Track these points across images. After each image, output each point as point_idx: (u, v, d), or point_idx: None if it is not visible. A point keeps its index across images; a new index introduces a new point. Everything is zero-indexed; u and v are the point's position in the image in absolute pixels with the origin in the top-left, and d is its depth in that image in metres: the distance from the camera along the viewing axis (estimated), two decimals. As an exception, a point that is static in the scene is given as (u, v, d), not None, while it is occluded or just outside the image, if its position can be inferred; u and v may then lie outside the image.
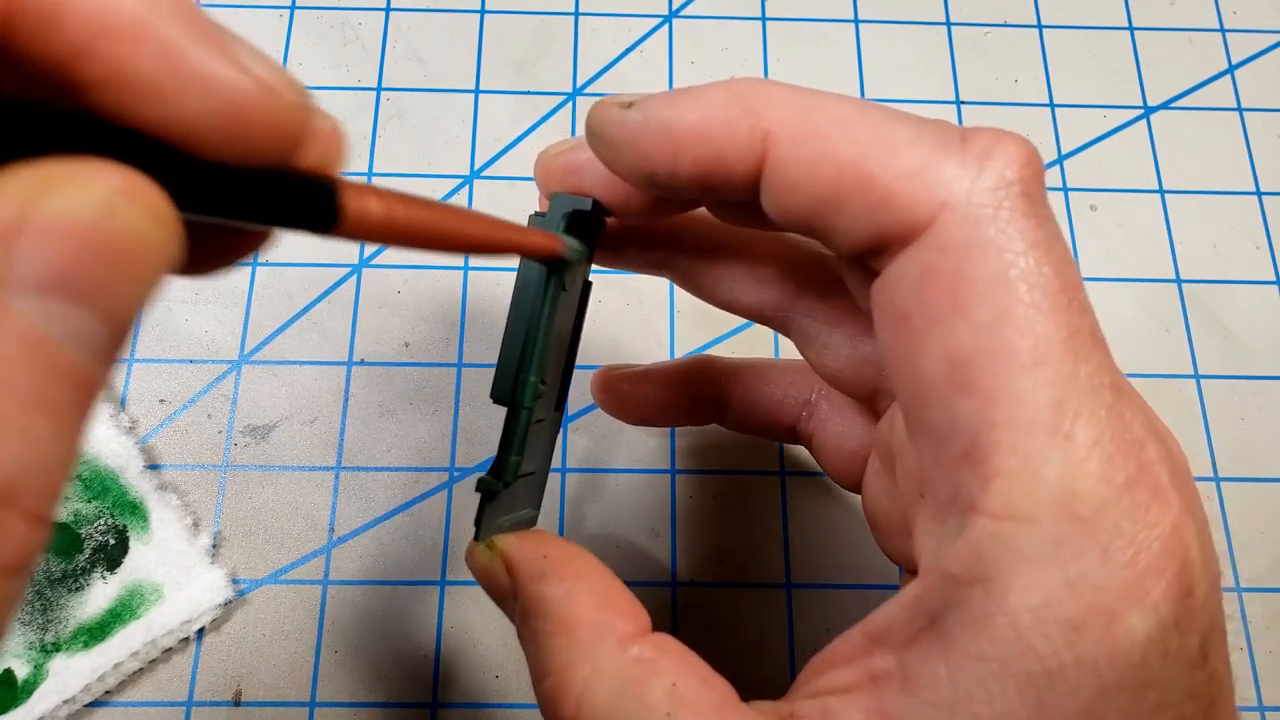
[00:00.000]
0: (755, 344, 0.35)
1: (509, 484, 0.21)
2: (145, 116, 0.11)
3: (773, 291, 0.23)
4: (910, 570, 0.21)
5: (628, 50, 0.39)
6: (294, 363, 0.34)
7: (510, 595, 0.20)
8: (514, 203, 0.36)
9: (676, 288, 0.35)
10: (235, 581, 0.31)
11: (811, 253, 0.23)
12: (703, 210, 0.21)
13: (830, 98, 0.17)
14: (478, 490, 0.21)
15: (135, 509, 0.31)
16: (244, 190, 0.13)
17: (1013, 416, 0.15)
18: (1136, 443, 0.15)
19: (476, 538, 0.21)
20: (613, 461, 0.33)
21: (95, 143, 0.11)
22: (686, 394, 0.27)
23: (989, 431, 0.15)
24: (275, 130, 0.12)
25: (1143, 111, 0.39)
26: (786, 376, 0.26)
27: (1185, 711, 0.15)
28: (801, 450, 0.33)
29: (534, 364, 0.21)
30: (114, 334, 0.11)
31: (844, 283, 0.21)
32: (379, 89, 0.38)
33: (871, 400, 0.22)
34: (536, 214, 0.22)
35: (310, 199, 0.14)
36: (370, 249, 0.35)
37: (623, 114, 0.18)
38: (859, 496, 0.32)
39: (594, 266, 0.23)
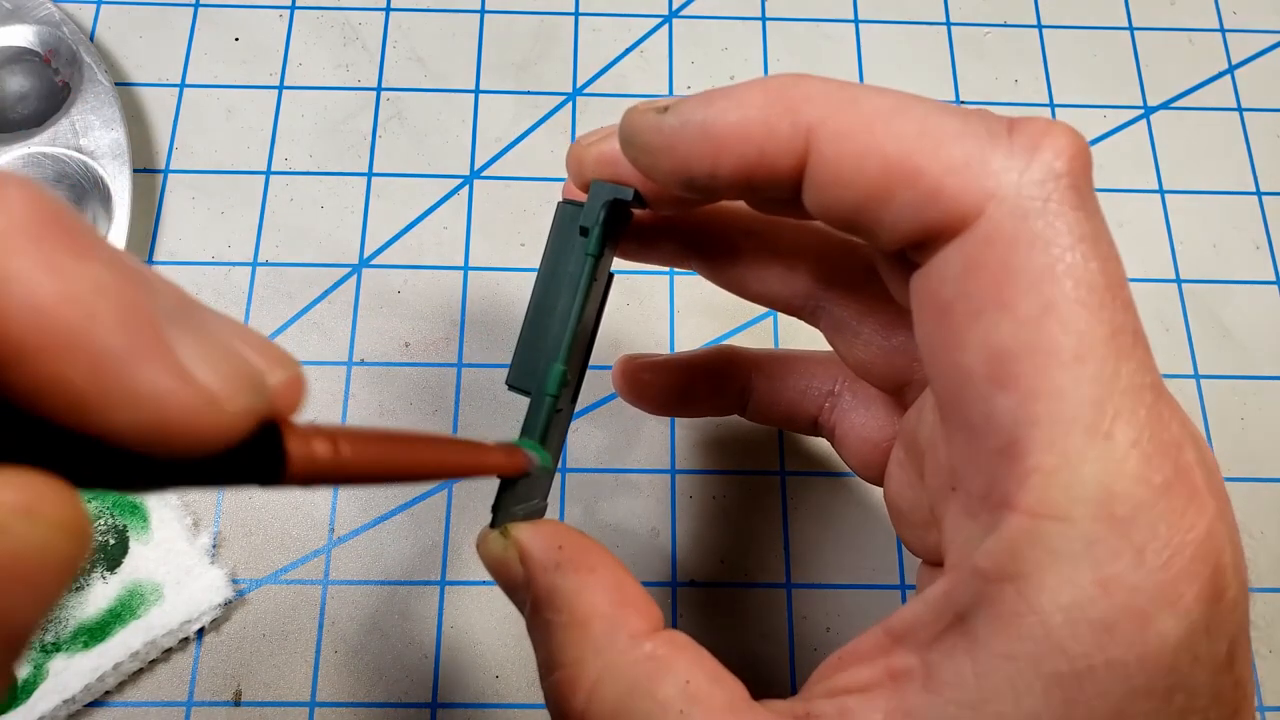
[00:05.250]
0: (757, 342, 0.35)
1: (530, 472, 0.21)
2: (72, 423, 0.11)
3: (803, 282, 0.22)
4: (931, 561, 0.21)
5: (628, 50, 0.39)
6: (294, 363, 0.34)
7: (521, 585, 0.20)
8: (514, 203, 0.36)
9: (678, 286, 0.35)
10: (235, 581, 0.30)
11: (841, 241, 0.22)
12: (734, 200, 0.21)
13: (871, 90, 0.17)
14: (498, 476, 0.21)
15: (135, 509, 0.31)
16: (177, 469, 0.12)
17: (1052, 413, 0.15)
18: (1175, 444, 0.15)
19: (493, 525, 0.21)
20: (613, 461, 0.33)
21: (8, 440, 0.11)
22: (709, 383, 0.27)
23: (1028, 428, 0.15)
24: (215, 437, 0.12)
25: (1143, 111, 0.39)
26: (810, 367, 0.26)
27: (1211, 717, 0.15)
28: (802, 450, 0.33)
29: (563, 352, 0.21)
30: (10, 649, 0.11)
31: (875, 272, 0.20)
32: (379, 89, 0.38)
33: (900, 392, 0.22)
34: (568, 202, 0.22)
35: (251, 457, 0.13)
36: (370, 249, 0.35)
37: (658, 119, 0.18)
38: (862, 496, 0.33)
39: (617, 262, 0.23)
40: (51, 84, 0.36)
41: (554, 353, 0.21)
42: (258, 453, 0.13)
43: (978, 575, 0.15)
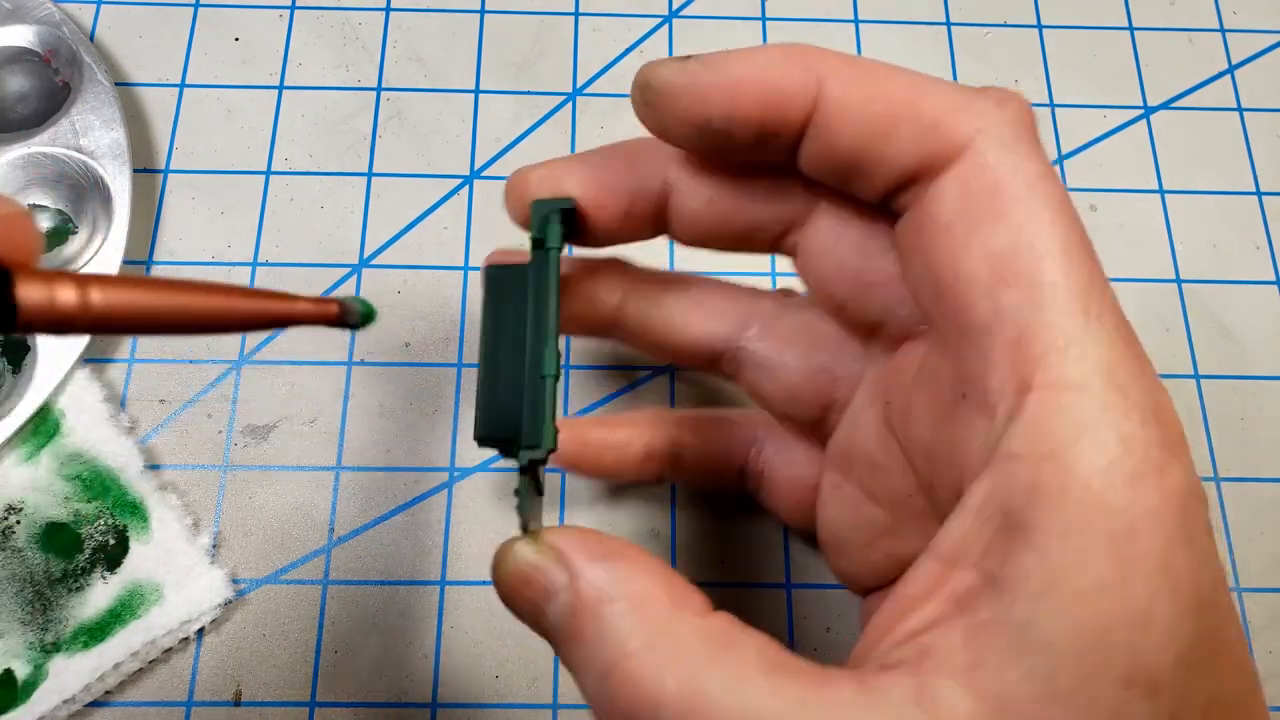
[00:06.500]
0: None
1: (553, 450, 0.19)
2: None
3: (725, 322, 0.24)
4: (874, 585, 0.23)
5: (628, 50, 0.39)
6: (294, 363, 0.34)
7: (558, 591, 0.19)
8: (514, 203, 0.36)
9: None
10: (235, 581, 0.31)
11: (753, 290, 0.25)
12: (654, 258, 0.23)
13: (873, 59, 0.19)
14: (521, 467, 0.19)
15: (135, 509, 0.31)
16: None
17: (1055, 300, 0.17)
18: (1131, 328, 0.18)
19: (524, 528, 0.19)
20: (613, 461, 0.33)
21: None
22: (638, 446, 0.28)
23: (1035, 314, 0.17)
24: None
25: (1143, 111, 0.39)
26: (732, 418, 0.28)
27: (1216, 571, 0.16)
28: (801, 450, 0.33)
29: (549, 336, 0.20)
30: None
31: (795, 300, 0.22)
32: (379, 89, 0.38)
33: (822, 420, 0.24)
34: (497, 266, 0.22)
35: None
36: (370, 249, 0.35)
37: (681, 63, 0.20)
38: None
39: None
40: (51, 84, 0.36)
41: (544, 337, 0.20)
42: None
43: (1014, 461, 0.16)
